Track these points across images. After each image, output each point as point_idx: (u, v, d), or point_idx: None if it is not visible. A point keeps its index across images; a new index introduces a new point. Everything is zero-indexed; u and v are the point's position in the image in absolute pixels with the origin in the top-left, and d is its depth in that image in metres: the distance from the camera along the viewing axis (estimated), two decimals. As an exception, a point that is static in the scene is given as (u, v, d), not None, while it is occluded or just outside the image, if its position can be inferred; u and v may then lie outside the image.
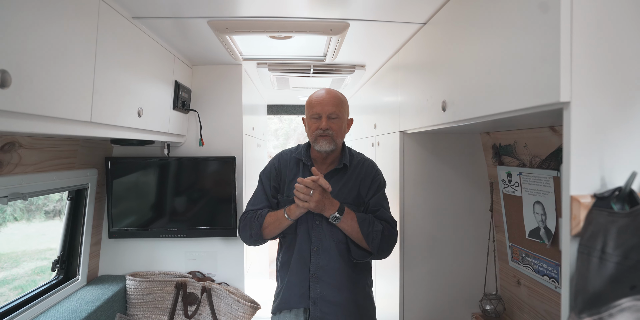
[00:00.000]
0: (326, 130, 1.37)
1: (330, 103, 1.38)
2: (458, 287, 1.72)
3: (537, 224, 1.35)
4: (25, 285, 1.92)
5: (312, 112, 1.40)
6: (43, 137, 1.38)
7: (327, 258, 1.39)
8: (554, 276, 1.29)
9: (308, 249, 1.40)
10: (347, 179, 1.44)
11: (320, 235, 1.40)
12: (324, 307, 1.38)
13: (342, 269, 1.39)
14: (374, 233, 1.34)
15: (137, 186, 1.95)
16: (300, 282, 1.40)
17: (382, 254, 1.39)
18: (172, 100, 1.74)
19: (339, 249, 1.39)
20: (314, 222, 1.40)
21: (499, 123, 1.27)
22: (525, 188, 1.40)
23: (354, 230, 1.34)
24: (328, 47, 1.70)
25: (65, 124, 0.98)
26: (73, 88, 0.97)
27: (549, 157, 1.26)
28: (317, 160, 1.46)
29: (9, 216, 2.74)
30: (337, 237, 1.39)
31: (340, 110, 1.40)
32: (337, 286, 1.39)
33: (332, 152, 1.42)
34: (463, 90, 1.07)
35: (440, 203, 1.71)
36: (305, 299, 1.39)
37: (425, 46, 1.39)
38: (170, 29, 1.46)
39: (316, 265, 1.39)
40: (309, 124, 1.43)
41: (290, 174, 1.46)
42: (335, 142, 1.39)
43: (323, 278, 1.39)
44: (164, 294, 1.91)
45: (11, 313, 1.36)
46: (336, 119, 1.39)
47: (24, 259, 2.16)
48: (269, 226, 1.38)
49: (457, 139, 1.71)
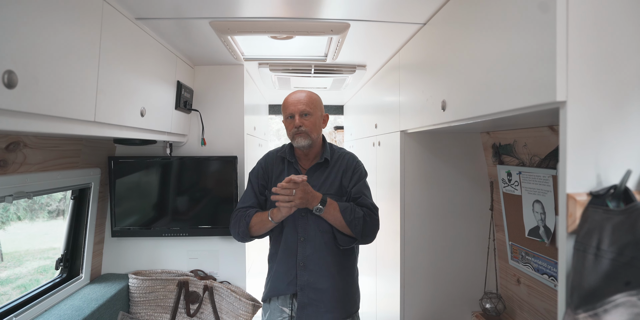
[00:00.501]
0: (300, 128, 1.47)
1: (301, 102, 1.49)
2: (458, 286, 1.72)
3: (537, 223, 1.36)
4: (28, 284, 1.93)
5: (286, 113, 1.52)
6: (47, 137, 1.40)
7: (312, 247, 1.48)
8: (554, 275, 1.30)
9: (295, 239, 1.50)
10: (329, 172, 1.54)
11: (306, 226, 1.49)
12: (310, 293, 1.48)
13: (327, 257, 1.49)
14: (356, 220, 1.43)
15: (139, 185, 1.97)
16: (288, 271, 1.50)
17: (366, 238, 1.48)
18: (175, 100, 1.75)
19: (324, 238, 1.49)
20: (299, 215, 1.49)
21: (498, 122, 1.28)
22: (525, 187, 1.41)
23: (337, 219, 1.43)
24: (329, 47, 1.71)
25: (69, 124, 1.00)
26: (77, 88, 0.98)
27: (548, 156, 1.27)
28: (300, 157, 1.58)
29: (12, 215, 2.75)
30: (323, 227, 1.48)
31: (312, 107, 1.50)
32: (322, 274, 1.48)
33: (311, 148, 1.52)
34: (462, 90, 1.08)
35: (440, 202, 1.71)
36: (293, 286, 1.49)
37: (425, 46, 1.41)
38: (173, 30, 1.48)
39: (302, 255, 1.49)
40: (286, 124, 1.55)
41: (277, 171, 1.58)
42: (311, 137, 1.49)
43: (309, 266, 1.48)
44: (167, 293, 1.93)
45: (16, 310, 1.38)
46: (309, 116, 1.49)
47: (27, 258, 2.18)
48: (254, 226, 1.49)
49: (457, 138, 1.72)
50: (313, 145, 1.52)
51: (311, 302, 1.48)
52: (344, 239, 1.47)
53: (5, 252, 2.76)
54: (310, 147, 1.51)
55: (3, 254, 2.64)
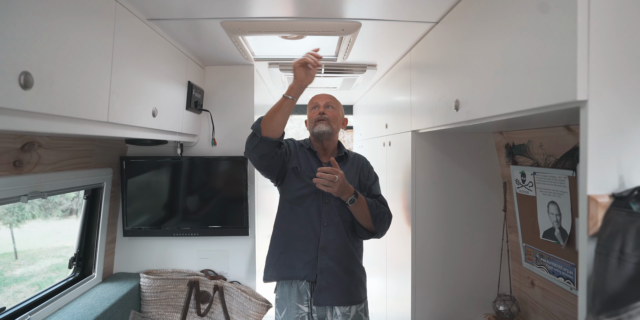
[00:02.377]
0: (323, 115, 1.59)
1: (327, 97, 1.65)
2: (471, 287, 1.70)
3: (552, 225, 1.33)
4: (42, 282, 1.96)
5: (312, 104, 1.66)
6: (61, 137, 1.41)
7: (335, 233, 1.55)
8: (570, 277, 1.28)
9: (318, 223, 1.55)
10: (348, 168, 1.63)
11: (330, 212, 1.55)
12: (329, 278, 1.53)
13: (346, 244, 1.57)
14: (380, 215, 1.55)
15: (150, 185, 1.98)
16: (308, 251, 1.54)
17: (383, 233, 1.60)
18: (185, 100, 1.76)
19: (345, 226, 1.56)
20: (323, 201, 1.56)
21: (512, 122, 1.25)
22: (539, 188, 1.38)
23: (364, 212, 1.52)
24: (339, 46, 1.70)
25: (83, 124, 1.01)
26: (91, 88, 0.99)
27: (564, 156, 1.25)
28: (318, 152, 1.64)
29: (28, 214, 2.79)
30: (345, 216, 1.56)
31: (336, 103, 1.65)
32: (341, 259, 1.55)
33: (329, 140, 1.61)
34: (476, 90, 1.06)
35: (452, 203, 1.69)
36: (309, 268, 1.53)
37: (438, 45, 1.39)
38: (184, 30, 1.48)
39: (325, 239, 1.54)
40: (310, 115, 1.65)
41: (301, 154, 1.63)
42: (332, 126, 1.59)
43: (329, 251, 1.54)
44: (177, 292, 1.94)
45: (30, 309, 1.40)
46: (332, 109, 1.62)
47: (41, 257, 2.20)
48: (270, 114, 1.43)
49: (470, 138, 1.69)
50: (332, 137, 1.61)
51: (329, 286, 1.52)
52: (363, 232, 1.57)
53: (20, 250, 2.81)
54: (329, 135, 1.59)
55: (18, 252, 2.68)
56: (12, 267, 2.26)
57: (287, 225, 1.59)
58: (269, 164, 1.49)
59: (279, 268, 1.57)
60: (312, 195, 1.55)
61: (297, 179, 1.57)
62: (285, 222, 1.60)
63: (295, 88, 1.43)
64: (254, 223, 2.05)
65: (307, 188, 1.55)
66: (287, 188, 1.59)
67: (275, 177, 1.59)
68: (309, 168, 1.59)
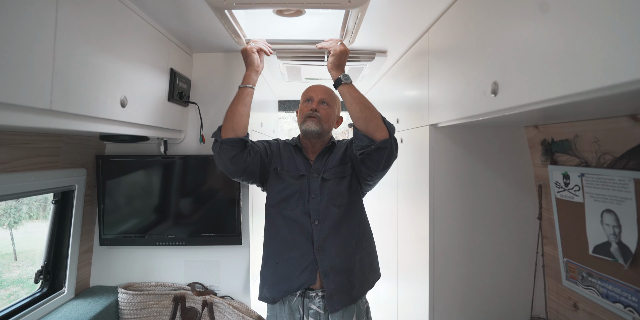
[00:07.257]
0: (315, 112, 1.42)
1: (324, 91, 1.47)
2: (498, 306, 1.46)
3: (607, 238, 1.08)
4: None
5: (305, 96, 1.49)
6: (13, 132, 1.19)
7: (329, 228, 1.39)
8: (632, 304, 1.02)
9: (309, 223, 1.39)
10: (336, 152, 1.48)
11: (319, 206, 1.39)
12: (335, 277, 1.37)
13: (345, 234, 1.40)
14: (373, 108, 1.34)
15: (132, 188, 1.75)
16: (303, 257, 1.38)
17: (381, 131, 1.29)
18: (167, 90, 1.53)
19: (340, 213, 1.39)
20: (310, 197, 1.40)
21: (553, 112, 1.01)
22: (589, 193, 1.13)
23: (359, 95, 1.35)
24: (345, 27, 1.46)
25: (14, 111, 0.78)
26: (21, 65, 0.76)
27: (628, 154, 1.00)
28: (306, 148, 1.50)
29: (25, 215, 2.62)
30: (338, 202, 1.40)
31: (332, 101, 1.47)
32: (343, 251, 1.39)
33: (318, 139, 1.45)
34: (524, 66, 0.81)
35: (476, 208, 1.46)
36: (308, 273, 1.36)
37: (464, 21, 1.14)
38: (164, 7, 1.25)
39: (319, 238, 1.38)
40: (301, 108, 1.49)
41: (285, 154, 1.49)
42: (322, 126, 1.42)
43: (328, 249, 1.38)
44: (161, 309, 1.71)
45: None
46: (326, 106, 1.45)
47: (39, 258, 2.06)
48: (232, 108, 1.36)
49: (497, 133, 1.45)
50: (321, 136, 1.45)
51: (340, 286, 1.36)
52: (362, 137, 1.30)
53: (20, 251, 2.67)
54: (318, 136, 1.44)
55: (17, 253, 2.60)
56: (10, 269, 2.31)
57: (275, 232, 1.43)
58: (245, 167, 1.37)
59: (274, 283, 1.40)
60: (295, 195, 1.40)
61: (277, 180, 1.44)
62: (273, 229, 1.44)
63: (252, 75, 1.41)
64: (247, 230, 1.81)
65: (290, 188, 1.41)
66: (270, 191, 1.46)
67: (259, 180, 1.47)
68: (293, 166, 1.45)
